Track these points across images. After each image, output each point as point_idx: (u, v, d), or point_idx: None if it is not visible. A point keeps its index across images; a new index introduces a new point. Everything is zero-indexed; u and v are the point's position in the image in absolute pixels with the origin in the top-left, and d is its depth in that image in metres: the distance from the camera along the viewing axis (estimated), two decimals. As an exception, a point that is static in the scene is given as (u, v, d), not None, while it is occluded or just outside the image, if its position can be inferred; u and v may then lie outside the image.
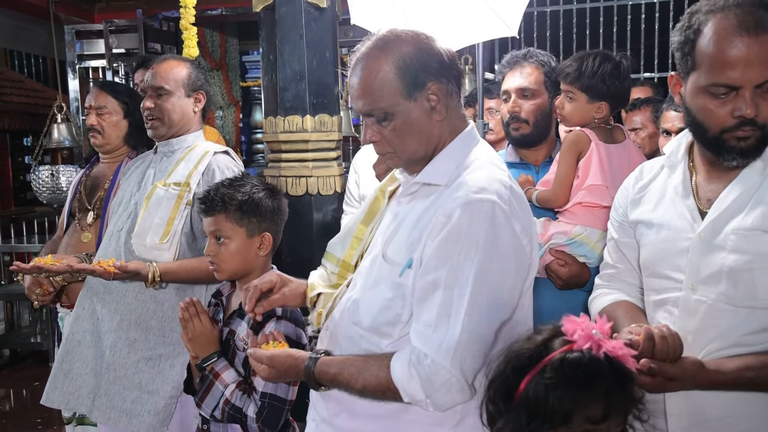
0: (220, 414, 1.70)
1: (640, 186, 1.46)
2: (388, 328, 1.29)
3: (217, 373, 1.72)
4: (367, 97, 1.31)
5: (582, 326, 0.97)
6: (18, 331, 5.02)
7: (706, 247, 1.28)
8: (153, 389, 2.07)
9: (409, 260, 1.28)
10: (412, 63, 1.29)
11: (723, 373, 1.21)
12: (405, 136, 1.32)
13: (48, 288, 2.27)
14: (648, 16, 4.27)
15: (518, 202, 1.29)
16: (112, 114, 2.40)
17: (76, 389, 2.12)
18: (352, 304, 1.36)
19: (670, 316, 1.33)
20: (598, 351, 0.96)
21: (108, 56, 5.15)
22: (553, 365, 0.96)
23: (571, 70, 1.89)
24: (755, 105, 1.21)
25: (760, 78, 1.20)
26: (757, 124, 1.22)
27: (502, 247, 1.22)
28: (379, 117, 1.31)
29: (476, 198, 1.23)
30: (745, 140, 1.24)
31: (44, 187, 4.29)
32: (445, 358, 1.19)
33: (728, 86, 1.22)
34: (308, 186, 2.37)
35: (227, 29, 6.20)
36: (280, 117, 2.36)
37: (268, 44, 2.39)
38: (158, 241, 2.05)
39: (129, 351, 2.08)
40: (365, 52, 1.33)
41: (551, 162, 2.02)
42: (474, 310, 1.20)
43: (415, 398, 1.22)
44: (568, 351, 0.96)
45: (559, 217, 1.92)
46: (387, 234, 1.37)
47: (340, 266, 1.49)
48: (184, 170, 2.12)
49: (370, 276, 1.36)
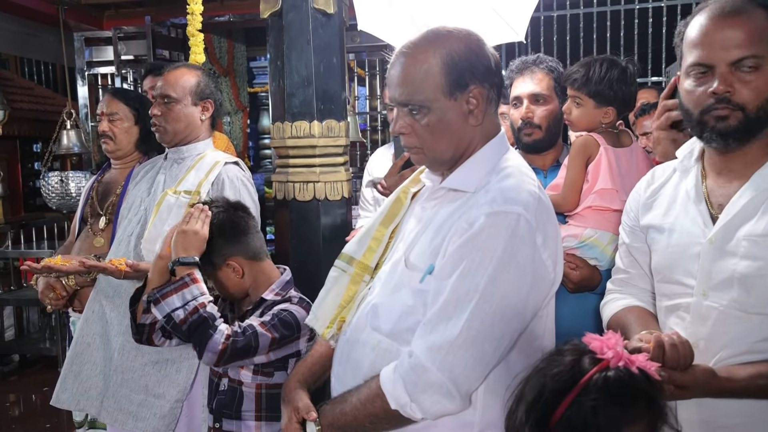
0: (180, 318, 1.62)
1: (652, 190, 1.45)
2: (409, 334, 1.25)
3: (196, 278, 1.67)
4: (407, 87, 1.28)
5: (608, 343, 0.97)
6: (27, 337, 5.04)
7: (717, 252, 1.26)
8: (159, 393, 2.08)
9: (430, 266, 1.26)
10: (459, 62, 1.26)
11: (735, 381, 1.19)
12: (437, 134, 1.29)
13: (61, 292, 2.29)
14: (655, 20, 4.27)
15: (545, 213, 1.27)
16: (124, 120, 2.43)
17: (86, 390, 2.14)
18: (371, 309, 1.34)
19: (681, 321, 1.31)
20: (632, 366, 0.95)
21: (117, 63, 5.18)
22: (596, 386, 0.94)
23: (579, 76, 1.89)
24: (728, 83, 1.22)
25: (731, 56, 1.22)
26: (732, 103, 1.22)
27: (519, 260, 1.19)
28: (414, 109, 1.28)
29: (502, 209, 1.21)
30: (723, 120, 1.24)
31: (53, 193, 4.32)
32: (433, 359, 1.16)
33: (703, 65, 1.25)
34: (316, 191, 2.37)
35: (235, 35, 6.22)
36: (288, 122, 2.36)
37: (276, 50, 2.40)
38: None
39: (136, 354, 2.09)
40: (414, 41, 1.30)
41: (559, 167, 2.02)
42: (476, 318, 1.17)
43: (400, 402, 1.19)
44: (605, 369, 0.95)
45: (569, 221, 1.92)
46: (410, 239, 1.34)
47: (357, 267, 1.44)
48: (194, 179, 2.15)
49: (391, 281, 1.33)
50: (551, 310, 1.34)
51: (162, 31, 5.14)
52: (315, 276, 2.37)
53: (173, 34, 5.33)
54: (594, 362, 0.97)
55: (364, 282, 1.43)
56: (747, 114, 1.22)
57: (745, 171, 1.28)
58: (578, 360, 0.98)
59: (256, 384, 1.75)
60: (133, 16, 5.29)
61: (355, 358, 1.34)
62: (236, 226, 1.80)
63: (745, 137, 1.25)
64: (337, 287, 1.44)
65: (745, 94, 1.22)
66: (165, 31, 5.20)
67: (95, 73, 5.48)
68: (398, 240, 1.42)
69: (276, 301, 1.77)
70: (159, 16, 5.17)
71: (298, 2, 2.32)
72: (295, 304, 1.77)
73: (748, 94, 1.22)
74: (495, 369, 1.23)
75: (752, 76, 1.21)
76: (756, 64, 1.21)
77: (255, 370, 1.74)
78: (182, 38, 4.91)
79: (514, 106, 2.05)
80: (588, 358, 0.98)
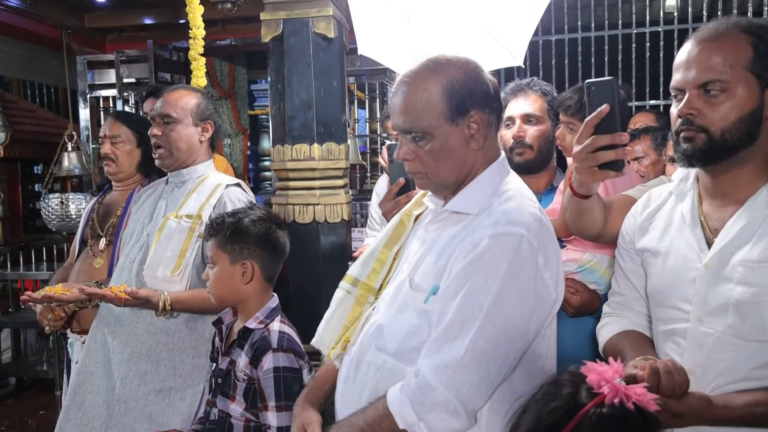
0: None
1: (647, 213, 1.45)
2: (413, 354, 1.27)
3: None
4: (409, 115, 1.31)
5: (605, 376, 0.96)
6: (24, 359, 5.01)
7: (713, 278, 1.26)
8: (163, 422, 2.05)
9: (434, 287, 1.27)
10: (459, 88, 1.29)
11: (731, 409, 1.17)
12: (440, 160, 1.32)
13: (59, 313, 2.27)
14: (653, 45, 4.32)
15: (546, 235, 1.29)
16: (126, 143, 2.45)
17: (89, 421, 2.10)
18: (376, 329, 1.35)
19: (677, 347, 1.31)
20: (628, 402, 0.95)
21: (118, 86, 5.23)
22: (590, 422, 0.94)
23: (572, 103, 1.92)
24: (693, 105, 1.24)
25: (696, 80, 1.24)
26: (695, 125, 1.25)
27: (522, 280, 1.21)
28: (417, 136, 1.31)
29: (505, 231, 1.23)
30: (689, 141, 1.26)
31: (53, 214, 4.33)
32: (440, 378, 1.18)
33: (676, 88, 1.29)
34: (315, 214, 2.38)
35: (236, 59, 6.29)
36: (288, 145, 2.38)
37: (277, 74, 2.42)
38: (170, 274, 2.06)
39: (140, 383, 2.07)
40: (415, 70, 1.33)
41: (553, 190, 2.03)
42: (481, 337, 1.19)
43: (408, 421, 1.20)
44: (599, 405, 0.95)
45: (568, 246, 1.92)
46: (414, 261, 1.36)
47: (361, 288, 1.46)
48: (195, 202, 2.14)
49: (396, 302, 1.35)
50: (553, 331, 1.35)
51: (164, 55, 5.20)
52: (314, 297, 2.37)
53: (175, 58, 5.39)
54: (591, 396, 0.96)
55: (369, 303, 1.45)
56: (711, 136, 1.24)
57: (739, 195, 1.29)
58: (575, 393, 0.98)
59: (246, 418, 1.73)
60: (136, 40, 5.35)
61: (360, 378, 1.35)
62: (276, 242, 1.84)
63: (711, 160, 1.27)
64: (342, 308, 1.46)
65: (709, 117, 1.24)
66: (167, 55, 5.26)
67: (97, 95, 5.52)
68: (402, 261, 1.44)
69: (258, 329, 1.76)
70: (161, 40, 5.23)
71: (299, 27, 2.35)
72: (280, 350, 1.71)
73: (712, 117, 1.24)
74: (499, 388, 1.24)
75: (718, 99, 1.23)
76: (722, 88, 1.23)
77: (246, 407, 1.73)
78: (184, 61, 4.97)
79: (507, 126, 2.07)
80: (585, 391, 0.97)
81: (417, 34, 2.46)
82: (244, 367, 1.72)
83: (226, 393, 1.76)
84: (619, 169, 1.33)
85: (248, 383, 1.72)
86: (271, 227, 1.83)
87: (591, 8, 4.38)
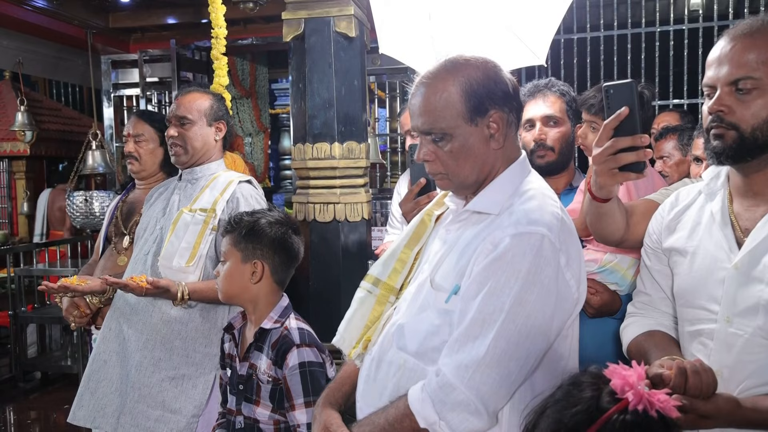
0: None
1: (675, 212, 1.43)
2: (434, 354, 1.26)
3: None
4: (429, 116, 1.31)
5: (629, 381, 0.94)
6: (49, 354, 5.10)
7: (743, 278, 1.24)
8: (176, 408, 2.09)
9: (456, 286, 1.27)
10: (478, 88, 1.29)
11: (760, 412, 1.15)
12: (460, 160, 1.31)
13: (85, 310, 2.32)
14: (677, 43, 4.26)
15: (568, 234, 1.28)
16: (149, 142, 2.49)
17: (102, 407, 2.16)
18: (397, 329, 1.35)
19: (704, 348, 1.29)
20: (652, 410, 0.93)
21: (142, 85, 5.29)
22: (613, 428, 0.92)
23: (595, 101, 1.90)
24: (723, 102, 1.23)
25: (728, 77, 1.22)
26: (725, 122, 1.23)
27: (543, 280, 1.21)
28: (437, 137, 1.31)
29: (526, 230, 1.22)
30: (719, 139, 1.24)
31: (78, 212, 4.39)
32: (461, 378, 1.18)
33: (708, 85, 1.27)
34: (336, 213, 2.39)
35: (257, 58, 6.33)
36: (309, 144, 2.39)
37: (298, 73, 2.44)
38: (184, 264, 2.11)
39: (154, 370, 2.12)
40: (433, 71, 1.33)
41: (573, 190, 2.02)
42: (502, 336, 1.18)
43: (429, 420, 1.20)
44: (622, 411, 0.93)
45: (588, 246, 1.91)
46: (435, 261, 1.36)
47: (382, 288, 1.46)
48: (209, 197, 2.19)
49: (417, 301, 1.35)
50: (575, 331, 1.34)
51: (186, 54, 5.25)
52: (334, 296, 2.38)
53: (197, 57, 5.44)
54: (613, 400, 0.94)
55: (390, 303, 1.45)
56: (742, 134, 1.22)
57: None
58: (597, 397, 0.96)
59: (274, 420, 1.73)
60: (159, 40, 5.40)
61: (381, 378, 1.35)
62: (290, 246, 1.84)
63: (741, 157, 1.25)
64: (363, 308, 1.46)
65: (739, 114, 1.22)
66: (189, 54, 5.31)
67: (121, 94, 5.60)
68: (423, 261, 1.44)
69: (275, 329, 1.76)
70: (184, 40, 5.28)
71: (321, 26, 2.36)
72: (304, 345, 1.72)
73: (743, 114, 1.22)
74: (520, 388, 1.23)
75: (749, 96, 1.21)
76: (755, 85, 1.21)
77: (273, 409, 1.73)
78: (206, 61, 5.01)
79: (526, 129, 2.06)
80: (607, 395, 0.95)
81: (438, 33, 2.46)
82: (267, 368, 1.73)
83: (249, 398, 1.76)
84: (640, 171, 1.31)
85: (273, 384, 1.72)
86: (287, 231, 1.84)
87: (614, 6, 4.33)
